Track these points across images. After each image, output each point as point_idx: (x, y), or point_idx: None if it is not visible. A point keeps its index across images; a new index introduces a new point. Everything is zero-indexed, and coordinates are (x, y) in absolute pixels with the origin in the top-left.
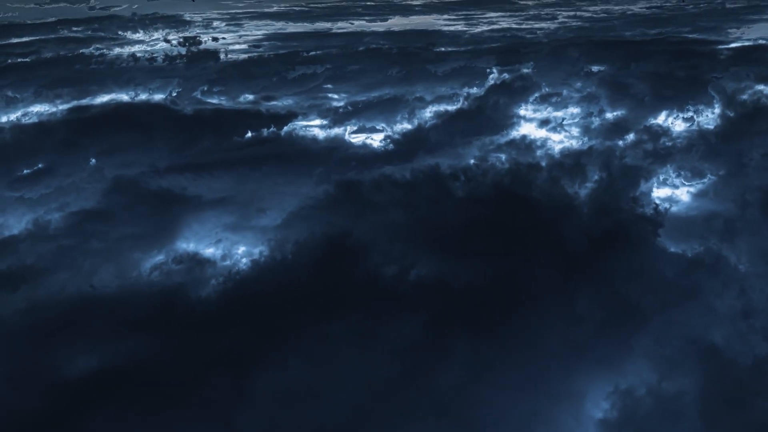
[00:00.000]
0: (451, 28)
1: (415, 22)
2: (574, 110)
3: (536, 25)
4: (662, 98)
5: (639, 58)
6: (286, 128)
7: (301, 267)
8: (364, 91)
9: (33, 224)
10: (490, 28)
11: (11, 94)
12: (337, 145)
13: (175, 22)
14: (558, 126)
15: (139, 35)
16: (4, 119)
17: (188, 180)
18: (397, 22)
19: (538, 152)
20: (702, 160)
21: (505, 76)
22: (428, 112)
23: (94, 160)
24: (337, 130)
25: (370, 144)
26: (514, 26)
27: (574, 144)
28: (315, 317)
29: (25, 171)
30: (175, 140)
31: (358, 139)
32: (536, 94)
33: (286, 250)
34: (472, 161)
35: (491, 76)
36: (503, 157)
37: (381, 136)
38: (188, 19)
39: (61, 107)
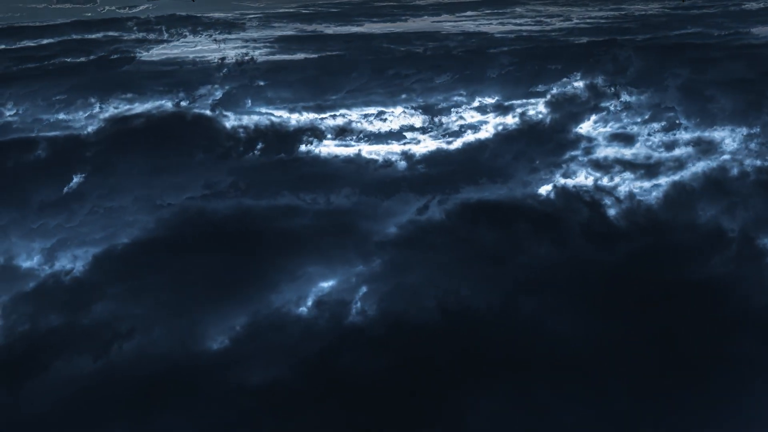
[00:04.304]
0: (474, 30)
1: (433, 23)
2: (657, 125)
3: (559, 26)
4: (758, 110)
5: (708, 64)
6: (345, 143)
7: (449, 326)
8: (419, 97)
9: (83, 265)
10: (524, 28)
11: (41, 102)
12: (408, 162)
13: (193, 24)
14: (649, 144)
15: (163, 37)
16: (34, 133)
17: (257, 207)
18: (414, 24)
19: (651, 176)
20: None
21: (566, 85)
22: (490, 125)
23: (137, 181)
24: (401, 145)
25: (449, 161)
26: (536, 28)
27: (683, 168)
28: (472, 389)
29: (58, 194)
30: (226, 157)
31: (427, 150)
32: (606, 104)
33: (420, 306)
34: (594, 184)
35: (550, 84)
36: (617, 179)
37: (452, 149)
38: (207, 21)
39: (93, 118)
